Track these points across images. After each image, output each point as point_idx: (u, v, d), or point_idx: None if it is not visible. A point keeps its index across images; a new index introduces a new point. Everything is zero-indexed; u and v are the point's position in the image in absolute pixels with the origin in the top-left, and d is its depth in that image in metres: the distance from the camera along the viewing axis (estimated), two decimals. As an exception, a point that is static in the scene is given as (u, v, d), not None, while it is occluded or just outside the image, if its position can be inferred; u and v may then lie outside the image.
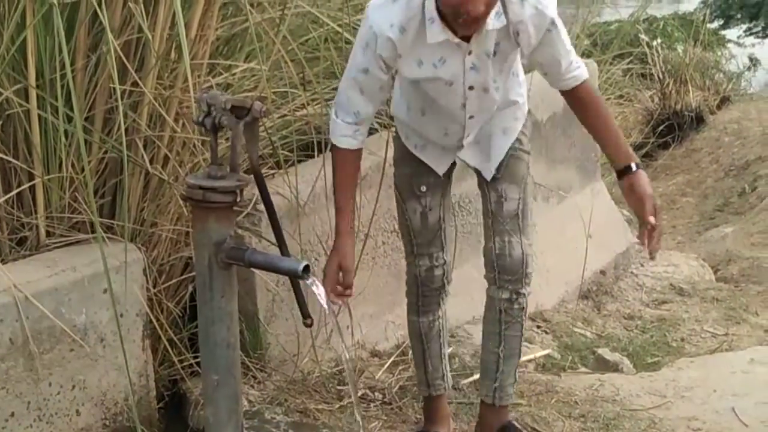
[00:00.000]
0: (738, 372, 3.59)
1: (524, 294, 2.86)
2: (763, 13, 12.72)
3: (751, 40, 12.50)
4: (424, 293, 2.92)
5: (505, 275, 2.82)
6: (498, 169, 2.83)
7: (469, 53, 2.53)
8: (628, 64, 8.58)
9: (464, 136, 2.75)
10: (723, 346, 4.06)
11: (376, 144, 3.27)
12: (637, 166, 2.68)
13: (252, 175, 2.20)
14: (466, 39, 2.48)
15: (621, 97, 8.33)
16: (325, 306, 2.29)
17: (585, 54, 5.78)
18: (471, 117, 2.69)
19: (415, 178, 2.81)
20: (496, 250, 2.84)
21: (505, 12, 2.46)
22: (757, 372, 3.58)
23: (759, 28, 12.83)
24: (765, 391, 3.41)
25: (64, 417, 2.50)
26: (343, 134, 2.57)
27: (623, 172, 2.68)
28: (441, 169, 2.84)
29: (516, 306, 2.86)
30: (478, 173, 2.89)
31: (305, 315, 2.32)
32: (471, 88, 2.60)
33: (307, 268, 2.10)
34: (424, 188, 2.81)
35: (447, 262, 2.95)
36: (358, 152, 2.64)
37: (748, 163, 7.88)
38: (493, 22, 2.45)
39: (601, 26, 8.10)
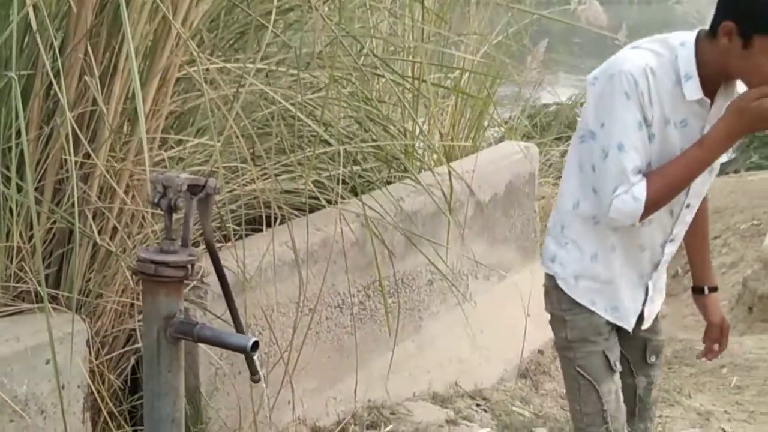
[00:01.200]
0: (672, 454, 3.64)
1: None
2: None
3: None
4: None
5: None
6: (656, 354, 2.61)
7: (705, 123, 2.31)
8: (567, 146, 8.74)
9: (668, 239, 2.45)
10: (657, 428, 4.11)
11: (323, 220, 3.31)
12: None
13: (202, 249, 2.23)
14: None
15: (559, 178, 8.45)
16: (264, 382, 2.29)
17: (525, 136, 5.90)
18: (688, 206, 2.41)
19: (610, 353, 2.45)
20: None
21: None
22: (690, 454, 3.64)
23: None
24: (698, 472, 3.47)
25: (1, 490, 2.47)
26: (637, 200, 2.20)
27: (713, 290, 2.68)
28: (631, 321, 2.49)
29: None
30: (624, 355, 2.55)
31: (254, 371, 2.29)
32: None
33: (255, 344, 2.11)
34: (618, 363, 2.48)
35: None
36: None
37: (680, 246, 8.03)
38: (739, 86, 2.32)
39: (541, 109, 8.25)
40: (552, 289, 2.49)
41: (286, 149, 3.20)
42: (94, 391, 2.71)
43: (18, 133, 2.44)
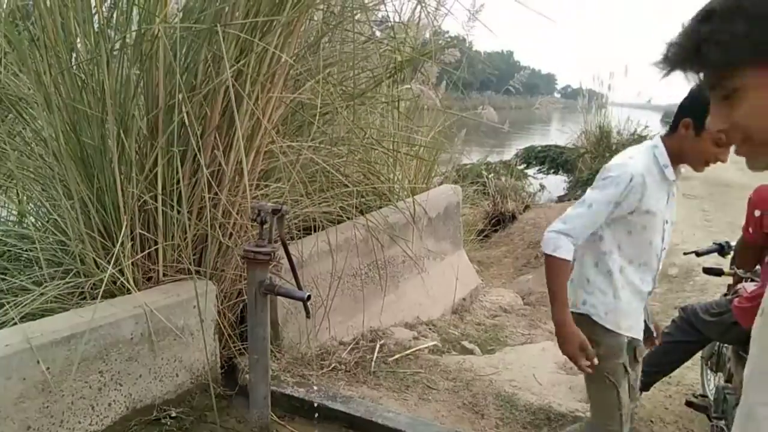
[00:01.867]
0: (536, 355, 3.64)
1: None
2: (547, 162, 13.14)
3: (541, 175, 12.84)
4: None
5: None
6: (642, 354, 2.19)
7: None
8: (477, 187, 8.78)
9: (656, 275, 2.08)
10: (527, 341, 4.12)
11: (345, 228, 3.29)
12: None
13: (280, 244, 2.23)
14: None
15: (473, 204, 8.49)
16: (308, 316, 2.28)
17: (454, 182, 5.91)
18: (663, 249, 2.06)
19: (627, 364, 2.08)
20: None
21: None
22: (545, 355, 3.63)
23: (545, 169, 13.22)
24: (551, 364, 3.47)
25: (169, 377, 2.46)
26: (569, 250, 1.88)
27: None
28: (641, 334, 2.13)
29: None
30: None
31: (308, 312, 2.28)
32: (666, 221, 2.03)
33: (309, 296, 2.12)
34: (630, 369, 2.10)
35: None
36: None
37: (538, 240, 7.95)
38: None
39: (462, 167, 8.28)
40: (585, 321, 2.03)
41: (324, 189, 3.20)
42: (220, 323, 2.72)
43: (177, 182, 2.45)
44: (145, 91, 2.49)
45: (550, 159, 13.20)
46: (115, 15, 2.51)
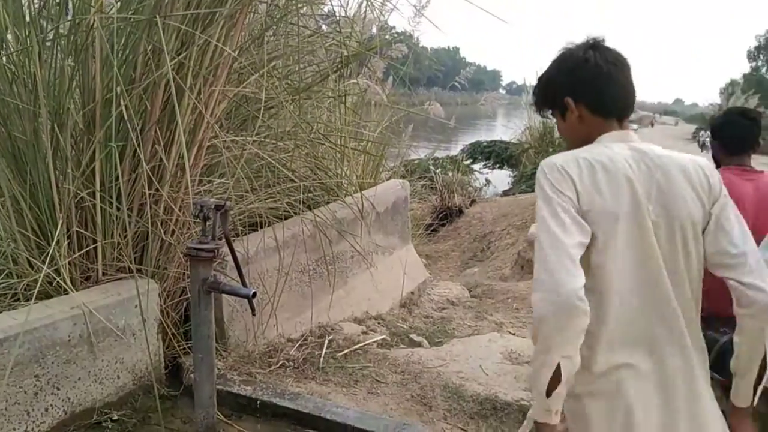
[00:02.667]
0: (482, 346, 3.68)
1: None
2: (492, 157, 13.35)
3: (486, 170, 13.04)
4: None
5: None
6: None
7: None
8: (424, 182, 8.83)
9: None
10: (474, 332, 4.17)
11: (292, 224, 3.26)
12: None
13: (224, 241, 2.18)
14: None
15: (421, 199, 8.53)
16: (253, 314, 2.27)
17: (402, 177, 5.93)
18: None
19: None
20: None
21: None
22: (492, 346, 3.68)
23: (490, 164, 13.43)
24: (496, 356, 3.51)
25: (110, 379, 2.38)
26: None
27: None
28: None
29: None
30: None
31: (253, 309, 2.25)
32: None
33: (254, 293, 2.08)
34: None
35: None
36: None
37: (484, 234, 8.15)
38: None
39: (410, 162, 8.31)
40: None
41: (270, 185, 3.15)
42: (163, 322, 2.65)
43: (117, 178, 2.37)
44: (80, 83, 2.39)
45: (496, 154, 13.43)
46: (48, 4, 2.39)
